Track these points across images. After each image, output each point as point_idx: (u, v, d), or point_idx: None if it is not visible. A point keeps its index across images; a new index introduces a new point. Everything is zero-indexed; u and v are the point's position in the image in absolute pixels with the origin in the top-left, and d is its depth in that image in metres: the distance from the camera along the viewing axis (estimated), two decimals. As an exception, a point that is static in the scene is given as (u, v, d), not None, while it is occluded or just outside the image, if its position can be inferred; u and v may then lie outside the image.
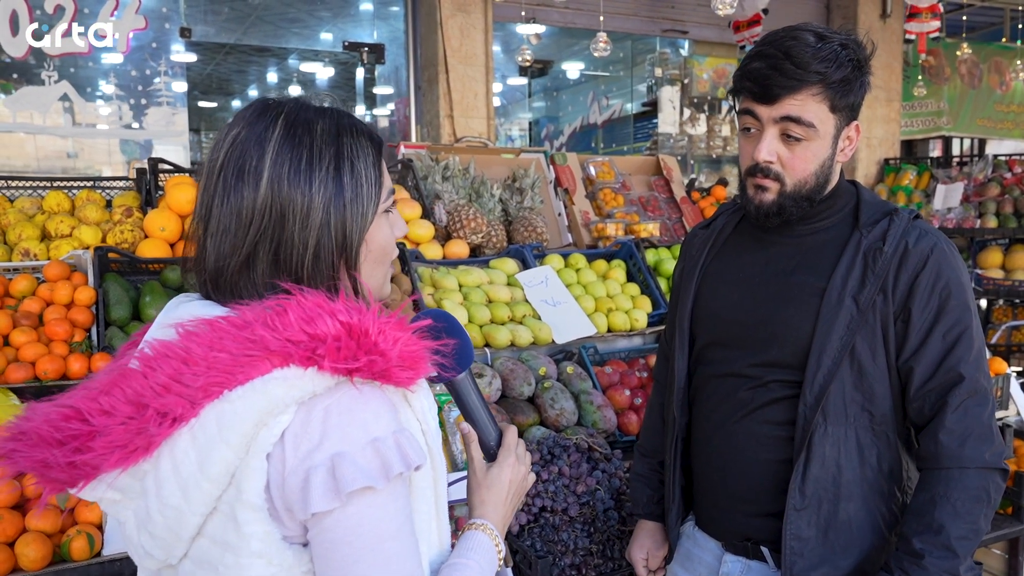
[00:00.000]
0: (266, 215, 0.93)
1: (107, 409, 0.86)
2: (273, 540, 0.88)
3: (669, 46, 7.37)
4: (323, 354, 0.86)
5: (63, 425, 0.86)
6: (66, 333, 2.25)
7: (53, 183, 2.91)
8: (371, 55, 5.99)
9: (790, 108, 1.41)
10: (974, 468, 1.38)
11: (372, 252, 1.01)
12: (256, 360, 0.86)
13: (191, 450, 0.86)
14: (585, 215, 3.57)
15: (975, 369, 1.41)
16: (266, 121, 0.96)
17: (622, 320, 2.86)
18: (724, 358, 1.58)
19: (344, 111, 1.01)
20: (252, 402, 0.85)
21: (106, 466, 0.86)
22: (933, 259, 1.42)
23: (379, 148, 1.02)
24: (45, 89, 4.47)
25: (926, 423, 1.44)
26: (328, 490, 0.84)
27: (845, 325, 1.42)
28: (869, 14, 6.71)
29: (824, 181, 1.49)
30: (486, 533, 1.09)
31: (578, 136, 9.12)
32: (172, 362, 0.87)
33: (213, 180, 0.96)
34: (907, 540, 1.39)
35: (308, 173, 0.94)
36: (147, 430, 0.85)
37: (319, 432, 0.86)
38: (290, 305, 0.88)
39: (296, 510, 0.86)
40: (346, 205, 0.96)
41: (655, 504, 1.79)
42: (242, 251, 0.94)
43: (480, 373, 2.40)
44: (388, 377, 0.89)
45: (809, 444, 1.44)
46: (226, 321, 0.89)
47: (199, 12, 5.85)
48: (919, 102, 7.40)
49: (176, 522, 0.88)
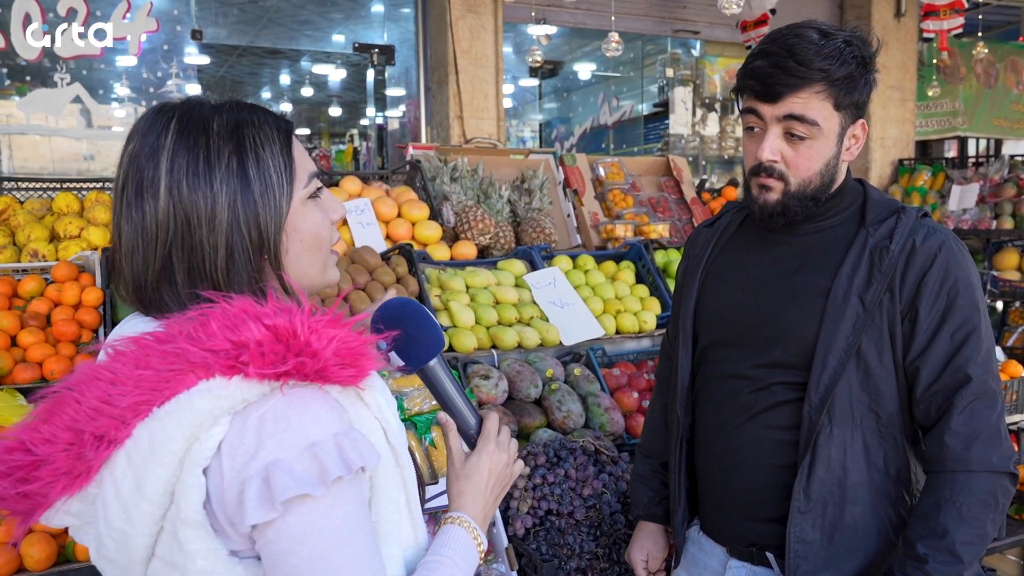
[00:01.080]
0: (170, 226, 0.90)
1: (48, 437, 0.84)
2: (219, 557, 0.85)
3: (680, 46, 7.34)
4: (247, 361, 0.83)
5: (7, 457, 0.85)
6: (73, 334, 2.26)
7: (63, 184, 2.92)
8: (381, 56, 6.00)
9: (793, 106, 1.39)
10: (981, 472, 1.36)
11: (304, 240, 0.97)
12: (180, 374, 0.83)
13: (128, 471, 0.84)
14: (594, 216, 3.55)
15: (983, 370, 1.38)
16: (158, 129, 0.92)
17: (630, 322, 2.84)
18: (727, 358, 1.56)
19: (244, 102, 0.97)
20: (180, 418, 0.82)
21: (54, 494, 0.84)
22: (941, 257, 1.40)
23: (288, 134, 0.97)
24: (57, 91, 4.50)
25: (932, 425, 1.41)
26: (263, 500, 0.81)
27: (851, 325, 1.40)
28: (883, 13, 6.65)
29: (830, 180, 1.47)
30: (463, 527, 1.05)
31: (589, 137, 9.10)
32: (101, 384, 0.85)
33: (117, 200, 0.93)
34: (911, 544, 1.37)
35: (207, 174, 0.90)
36: (85, 455, 0.83)
37: (254, 441, 0.83)
38: (213, 314, 0.85)
39: (237, 523, 0.83)
40: (256, 199, 0.92)
41: (656, 505, 1.78)
42: (154, 265, 0.91)
43: (487, 374, 2.38)
44: (326, 377, 0.86)
45: (814, 446, 1.42)
46: (152, 337, 0.86)
47: (210, 15, 5.88)
48: (934, 102, 7.32)
49: (125, 545, 0.86)
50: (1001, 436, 1.38)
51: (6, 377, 2.14)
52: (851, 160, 1.49)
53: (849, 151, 1.47)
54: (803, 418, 1.43)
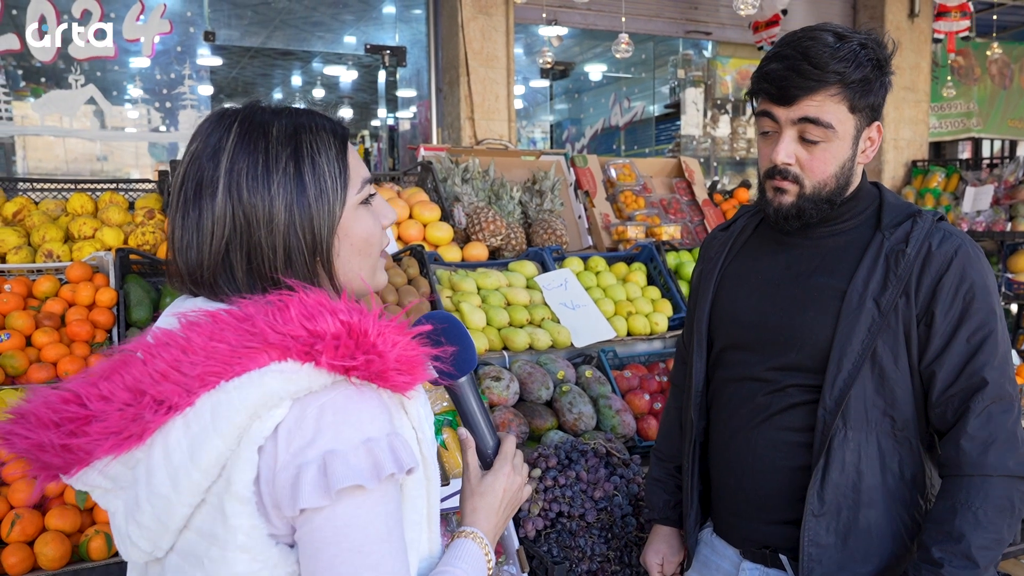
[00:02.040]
0: (227, 224, 0.93)
1: (105, 395, 0.86)
2: (259, 535, 0.87)
3: (692, 47, 7.32)
4: (321, 350, 0.86)
5: (61, 407, 0.87)
6: (88, 334, 2.27)
7: (77, 186, 2.94)
8: (393, 58, 6.01)
9: (808, 109, 1.39)
10: (997, 476, 1.34)
11: (354, 244, 1.00)
12: (254, 352, 0.86)
13: (183, 439, 0.86)
14: (605, 217, 3.55)
15: (1000, 374, 1.37)
16: (221, 131, 0.95)
17: (642, 324, 2.83)
18: (742, 361, 1.55)
19: (303, 108, 1.00)
20: (247, 393, 0.85)
21: (99, 452, 0.86)
22: (957, 261, 1.39)
23: (343, 140, 1.00)
24: (72, 93, 4.54)
25: (948, 429, 1.40)
26: (318, 487, 0.83)
27: (866, 328, 1.39)
28: (897, 13, 6.61)
29: (845, 183, 1.46)
30: (476, 542, 1.08)
31: (600, 138, 9.09)
32: (172, 350, 0.87)
33: (175, 197, 0.97)
34: (926, 549, 1.36)
35: (266, 177, 0.93)
36: (142, 417, 0.85)
37: (313, 429, 0.85)
38: (292, 301, 0.88)
39: (284, 506, 0.85)
40: (311, 203, 0.95)
41: (671, 509, 1.77)
42: (209, 260, 0.95)
43: (498, 376, 2.38)
44: (385, 380, 0.89)
45: (828, 449, 1.41)
46: (228, 314, 0.89)
47: (223, 16, 5.91)
48: (948, 103, 7.27)
49: (164, 512, 0.87)
50: (1018, 441, 1.36)
51: (21, 377, 2.15)
52: (866, 162, 1.48)
53: (864, 153, 1.46)
54: (817, 421, 1.42)
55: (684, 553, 1.77)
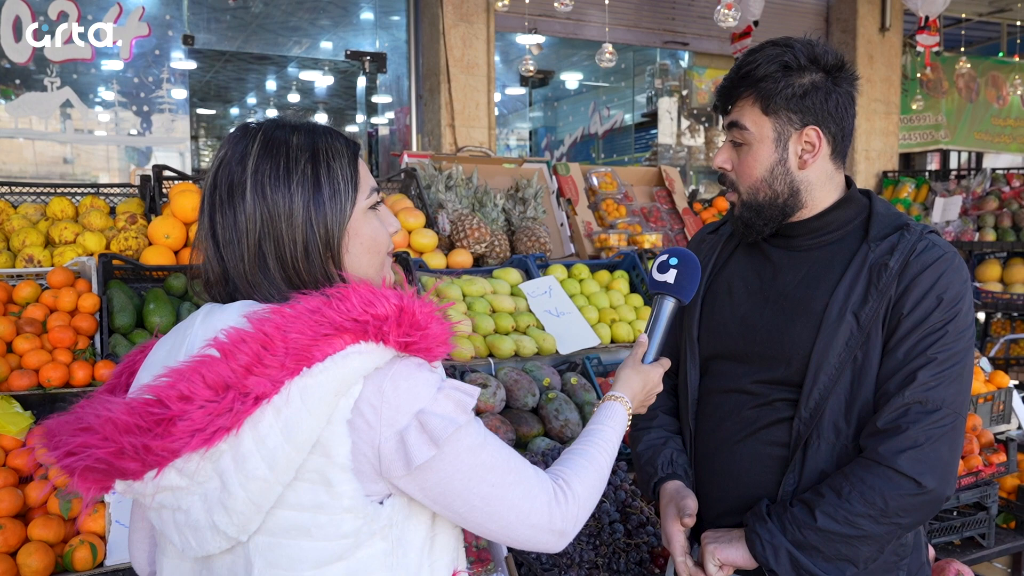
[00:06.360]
0: (258, 220, 1.05)
1: (186, 394, 0.93)
2: (359, 497, 1.00)
3: (669, 57, 7.40)
4: (388, 331, 0.98)
5: (146, 411, 0.93)
6: (70, 340, 2.24)
7: (57, 189, 2.90)
8: (373, 64, 6.00)
9: (734, 114, 1.47)
10: (883, 466, 1.32)
11: (364, 243, 1.12)
12: (331, 338, 0.96)
13: (275, 423, 0.95)
14: (588, 225, 3.57)
15: (936, 379, 1.33)
16: (247, 140, 1.08)
17: (625, 331, 2.85)
18: (729, 372, 1.55)
19: (320, 124, 1.13)
20: (333, 375, 0.96)
21: (187, 448, 0.93)
22: (934, 268, 1.37)
23: (355, 151, 1.13)
24: (47, 95, 4.47)
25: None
26: (424, 443, 0.98)
27: (844, 342, 1.39)
28: (868, 27, 6.75)
29: (786, 191, 1.46)
30: (622, 404, 1.31)
31: (578, 146, 9.14)
32: (250, 346, 0.95)
33: (212, 199, 1.08)
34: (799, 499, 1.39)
35: (287, 178, 1.05)
36: (232, 410, 0.93)
37: (394, 398, 0.99)
38: (348, 292, 1.00)
39: (396, 470, 0.99)
40: (325, 201, 1.07)
41: (676, 465, 1.60)
42: (248, 254, 1.06)
43: (485, 383, 2.39)
44: (429, 352, 1.03)
45: (803, 459, 1.42)
46: (292, 308, 0.99)
47: (202, 20, 5.85)
48: (917, 115, 7.44)
49: (261, 494, 0.96)
50: (926, 446, 1.32)
51: (2, 384, 2.12)
52: (805, 169, 1.45)
53: (803, 159, 1.45)
54: (793, 432, 1.43)
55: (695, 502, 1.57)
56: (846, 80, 1.46)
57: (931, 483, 1.32)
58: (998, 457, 2.64)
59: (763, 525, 1.40)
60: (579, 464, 1.17)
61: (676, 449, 1.64)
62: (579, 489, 1.13)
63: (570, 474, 1.15)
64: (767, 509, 1.42)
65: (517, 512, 1.05)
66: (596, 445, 1.23)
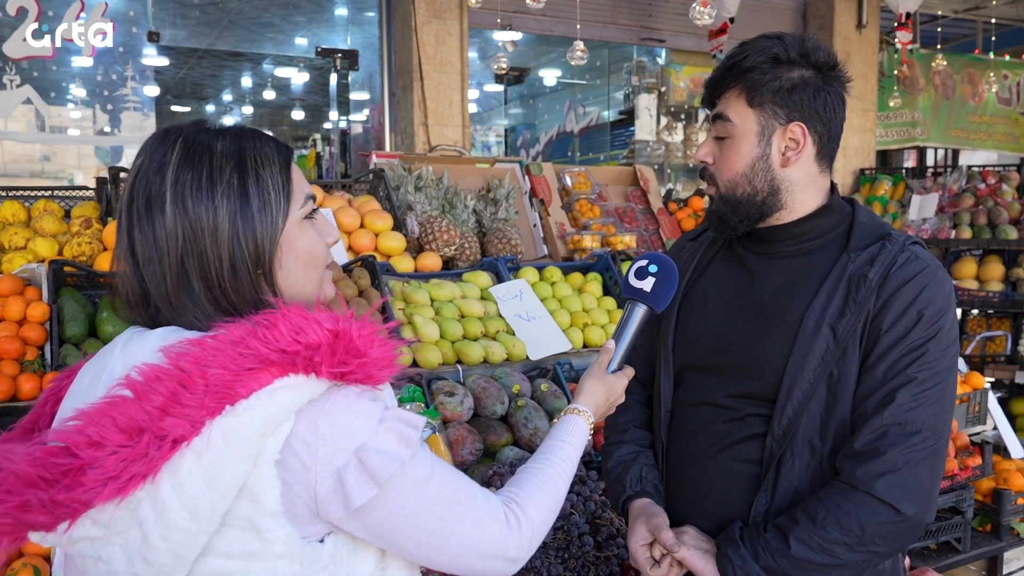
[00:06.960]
0: (179, 235, 0.96)
1: (96, 440, 0.85)
2: (294, 541, 0.92)
3: (646, 54, 7.36)
4: (320, 361, 0.90)
5: (51, 461, 0.84)
6: (18, 351, 2.15)
7: (9, 192, 2.80)
8: (345, 61, 5.91)
9: (719, 106, 1.43)
10: (860, 491, 1.27)
11: (299, 257, 1.03)
12: (254, 372, 0.88)
13: (196, 468, 0.86)
14: (561, 227, 3.52)
15: (916, 400, 1.27)
16: (165, 148, 0.98)
17: (598, 335, 2.80)
18: (701, 385, 1.50)
19: (247, 127, 1.03)
20: (259, 413, 0.87)
21: (99, 499, 0.84)
22: (916, 281, 1.31)
23: (287, 158, 1.04)
24: (6, 93, 4.35)
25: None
26: (365, 483, 0.90)
27: (820, 356, 1.33)
28: (845, 24, 6.74)
29: (765, 188, 1.41)
30: (583, 417, 1.26)
31: (555, 144, 9.09)
32: (166, 384, 0.87)
33: (129, 213, 0.98)
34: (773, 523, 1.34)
35: (210, 189, 0.96)
36: (147, 455, 0.84)
37: (330, 435, 0.90)
38: (276, 319, 0.91)
39: (333, 511, 0.92)
40: (254, 213, 0.98)
41: (646, 482, 1.55)
42: (171, 273, 0.97)
43: (452, 391, 2.33)
44: (371, 379, 0.94)
45: (776, 477, 1.37)
46: (214, 339, 0.90)
47: (168, 16, 5.74)
48: (894, 112, 7.44)
49: (183, 544, 0.88)
50: (904, 470, 1.26)
51: (-56, 398, 2.03)
52: (788, 167, 1.40)
53: (785, 156, 1.40)
54: (765, 448, 1.37)
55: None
56: (837, 80, 1.42)
57: (910, 510, 1.26)
58: (973, 460, 2.61)
59: (735, 550, 1.34)
60: (534, 486, 1.11)
61: (646, 464, 1.58)
62: (533, 513, 1.07)
63: (524, 497, 1.09)
64: (740, 532, 1.37)
65: (468, 542, 0.99)
66: (554, 465, 1.17)
